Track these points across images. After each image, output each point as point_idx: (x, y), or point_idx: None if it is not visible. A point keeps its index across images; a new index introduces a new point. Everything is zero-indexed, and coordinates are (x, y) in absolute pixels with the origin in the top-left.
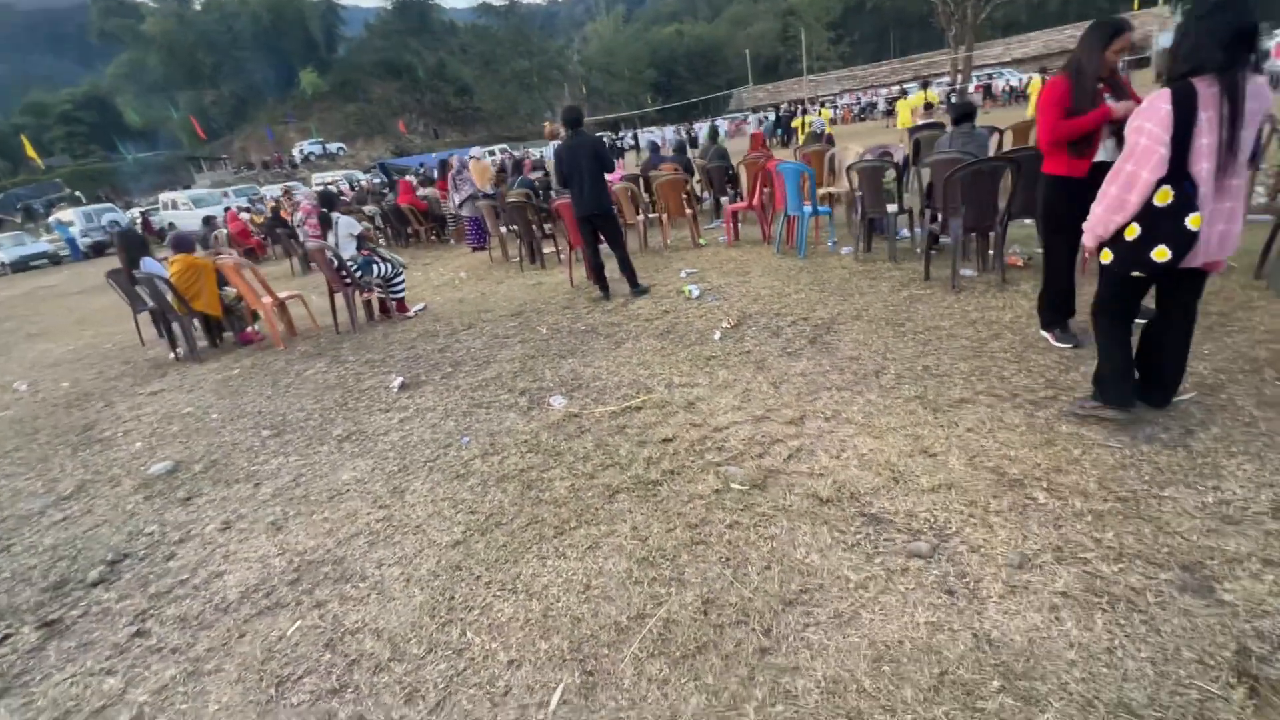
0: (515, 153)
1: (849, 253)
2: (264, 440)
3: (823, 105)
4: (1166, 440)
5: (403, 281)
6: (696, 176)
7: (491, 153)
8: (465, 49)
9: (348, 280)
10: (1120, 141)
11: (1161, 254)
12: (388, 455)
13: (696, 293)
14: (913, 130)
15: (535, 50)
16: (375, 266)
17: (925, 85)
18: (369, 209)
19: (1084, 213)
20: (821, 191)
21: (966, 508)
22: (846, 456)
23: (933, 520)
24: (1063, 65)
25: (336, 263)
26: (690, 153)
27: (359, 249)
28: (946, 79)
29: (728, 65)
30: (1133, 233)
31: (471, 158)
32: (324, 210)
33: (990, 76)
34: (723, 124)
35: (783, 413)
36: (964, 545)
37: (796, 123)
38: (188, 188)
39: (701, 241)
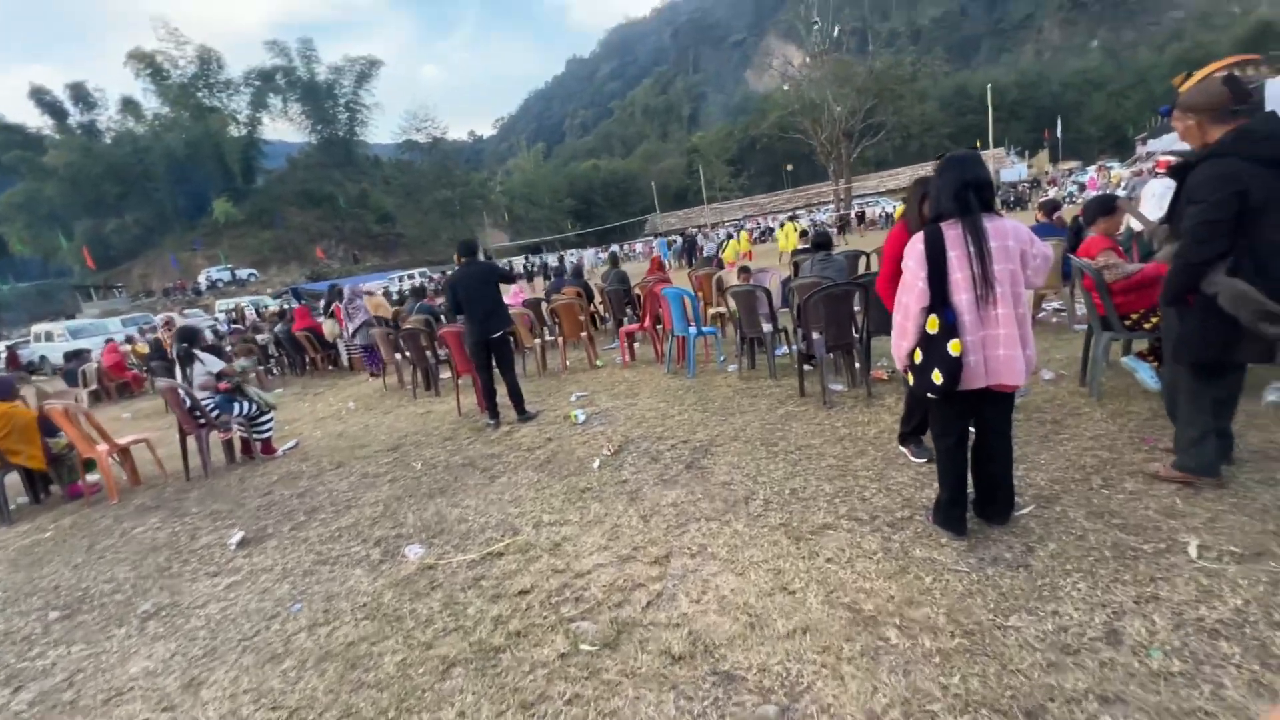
0: (418, 279)
1: (735, 370)
2: (47, 625)
3: (741, 229)
4: (1010, 560)
5: (270, 421)
6: (599, 299)
7: (410, 276)
8: (388, 180)
9: (202, 421)
10: None
11: (938, 377)
12: (197, 635)
13: (583, 418)
14: (794, 253)
15: (458, 181)
16: (237, 405)
17: (793, 219)
18: (262, 337)
19: None
20: (713, 311)
21: (820, 655)
22: (707, 600)
23: (785, 674)
24: (902, 213)
25: (189, 402)
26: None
27: (220, 384)
28: (830, 206)
29: (641, 194)
30: (918, 357)
31: (366, 292)
32: (184, 346)
33: (865, 204)
34: (639, 245)
35: (649, 550)
36: (814, 705)
37: (740, 240)
38: (71, 317)
39: (598, 363)
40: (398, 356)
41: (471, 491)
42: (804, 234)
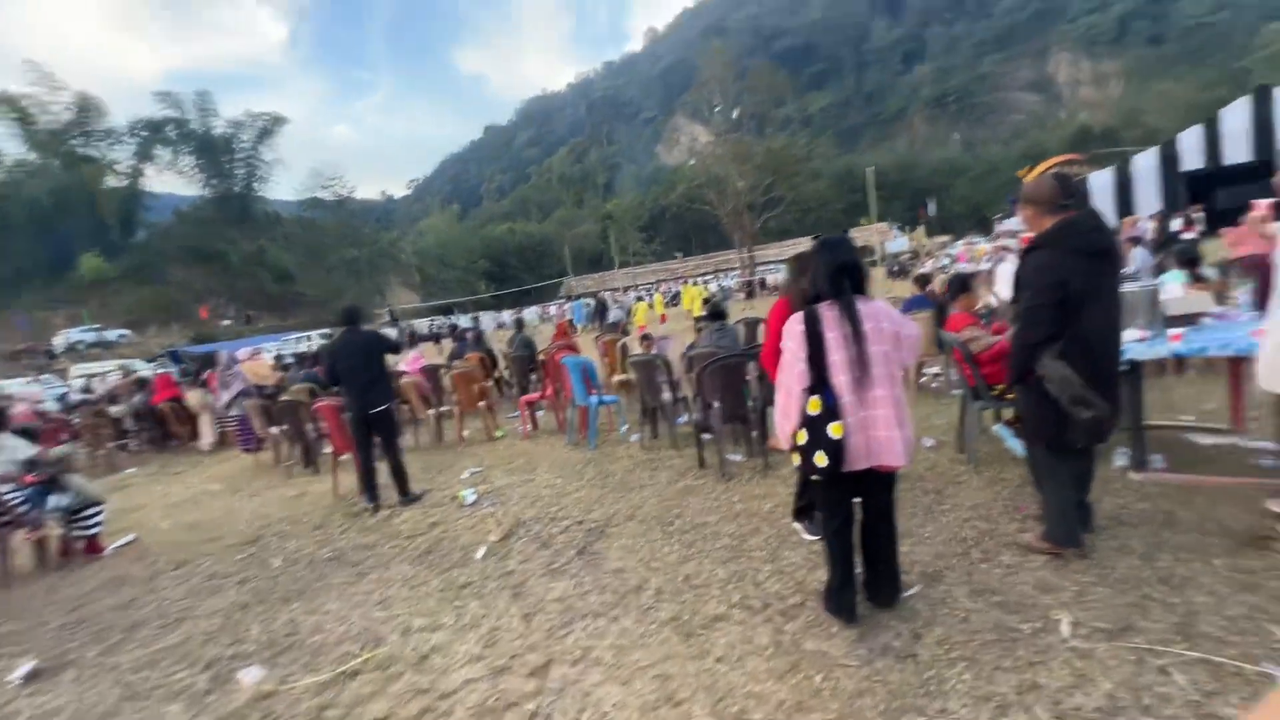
0: (315, 342)
1: (638, 439)
2: None
3: (655, 292)
4: (898, 650)
5: (98, 515)
6: (504, 365)
7: (307, 338)
8: (289, 237)
9: (3, 519)
10: None
11: (821, 459)
12: None
13: (472, 498)
14: (696, 320)
15: (366, 240)
16: (53, 498)
17: (695, 283)
18: (118, 409)
19: None
20: (618, 378)
21: None
22: (586, 718)
23: None
24: (787, 280)
25: None
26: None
27: (32, 474)
28: (736, 273)
29: (557, 258)
30: (802, 438)
31: (246, 358)
32: None
33: (768, 271)
34: (553, 308)
35: (527, 659)
36: None
37: (655, 304)
38: None
39: (498, 434)
40: (274, 430)
41: (335, 592)
42: (706, 301)
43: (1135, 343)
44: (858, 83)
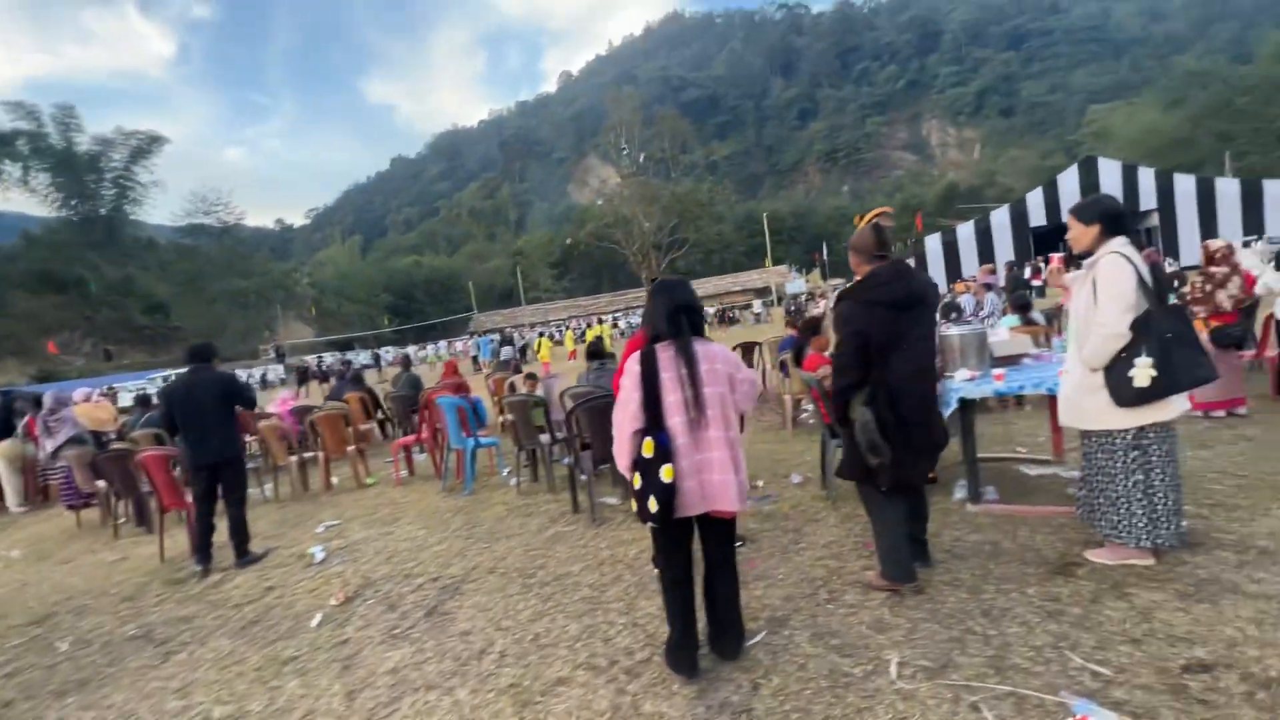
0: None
1: (517, 483)
2: None
3: (564, 329)
4: (736, 705)
5: None
6: (387, 405)
7: (168, 378)
8: (165, 265)
9: None
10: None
11: (653, 504)
12: None
13: (321, 556)
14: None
15: (255, 270)
16: None
17: (603, 321)
18: None
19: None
20: (504, 419)
21: None
22: None
23: None
24: (641, 319)
25: None
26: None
27: None
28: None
29: (466, 292)
30: (637, 482)
31: (82, 400)
32: None
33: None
34: (459, 343)
35: None
36: None
37: (566, 340)
38: None
39: (369, 481)
40: (100, 484)
41: (128, 680)
42: (599, 339)
43: (965, 382)
44: (758, 135)
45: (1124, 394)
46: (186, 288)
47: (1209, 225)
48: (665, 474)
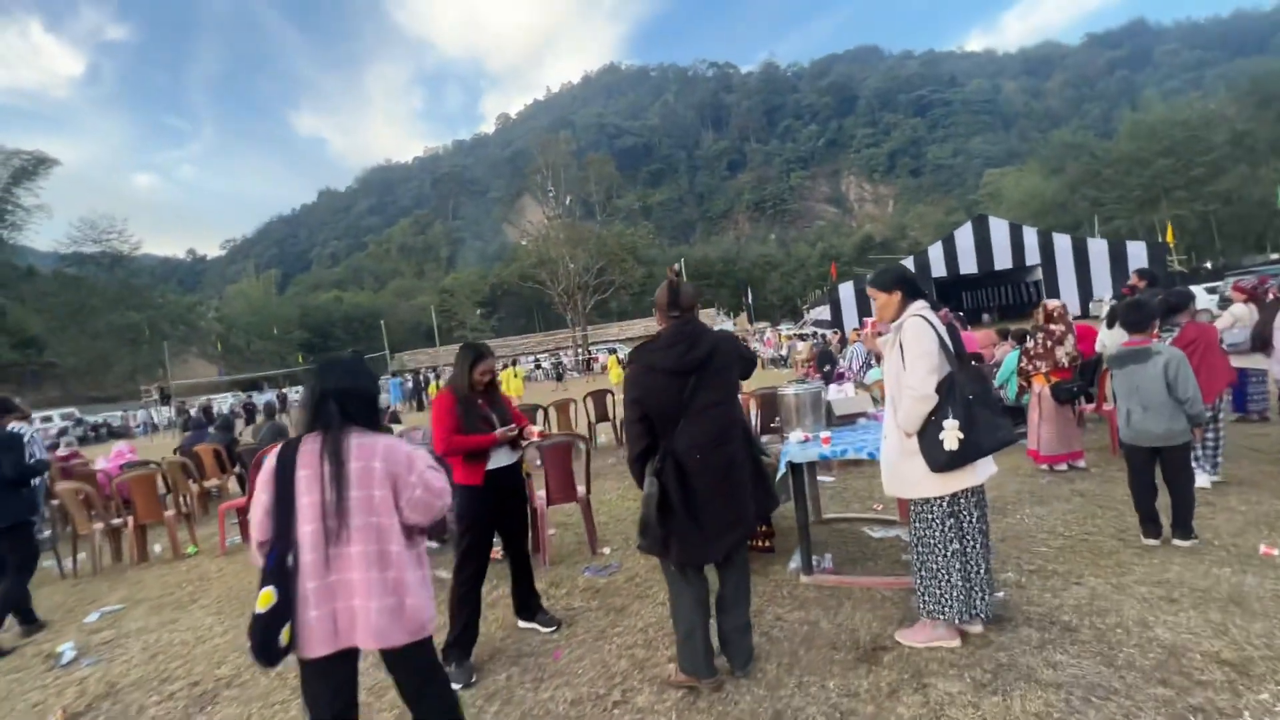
0: (56, 423)
1: None
2: None
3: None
4: None
5: None
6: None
7: (48, 419)
8: (45, 295)
9: None
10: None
11: (287, 635)
12: None
13: (70, 655)
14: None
15: (150, 304)
16: None
17: (514, 363)
18: None
19: (490, 519)
20: None
21: None
22: None
23: None
24: (448, 380)
25: None
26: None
27: None
28: (570, 350)
29: (390, 330)
30: (267, 600)
31: None
32: None
33: (599, 350)
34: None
35: None
36: None
37: (506, 379)
38: None
39: (189, 550)
40: None
41: None
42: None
43: (795, 444)
44: (690, 183)
45: (937, 458)
46: (67, 321)
47: (1085, 279)
48: (260, 601)
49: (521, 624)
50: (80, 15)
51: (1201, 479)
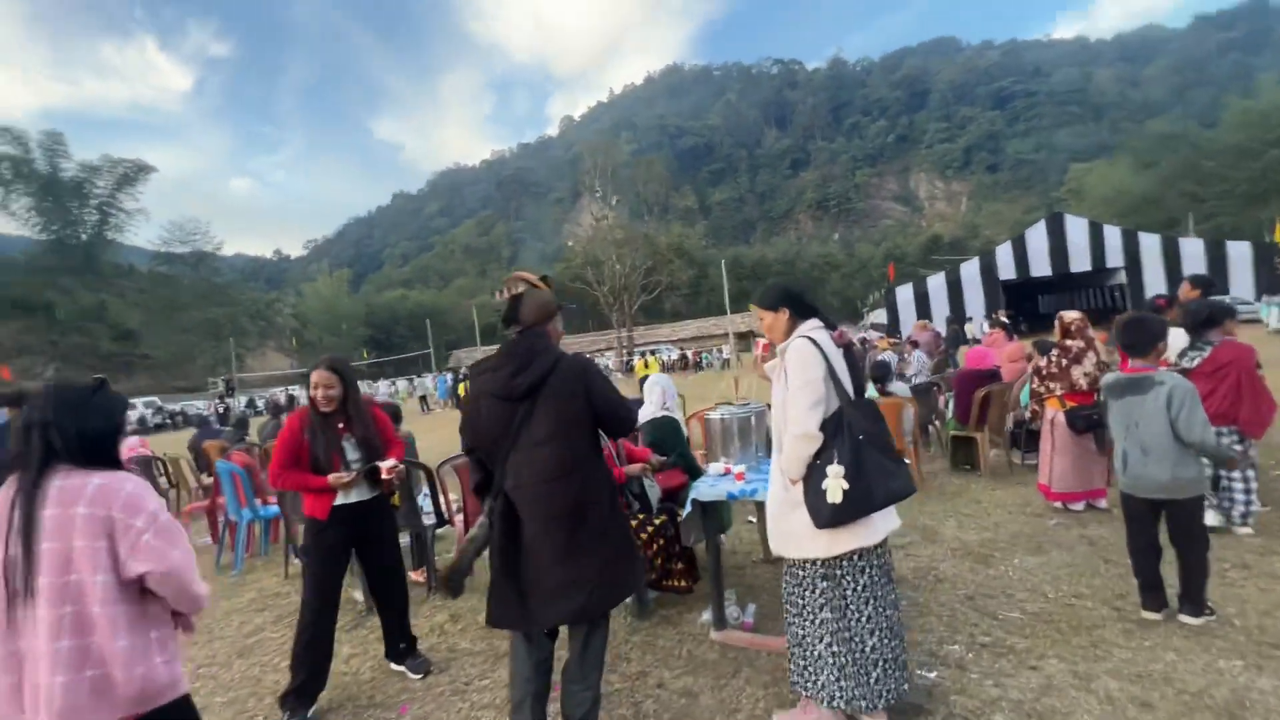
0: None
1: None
2: None
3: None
4: None
5: None
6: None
7: (132, 406)
8: (141, 291)
9: None
10: None
11: None
12: None
13: None
14: None
15: (232, 300)
16: None
17: None
18: None
19: (340, 555)
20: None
21: None
22: None
23: None
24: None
25: None
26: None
27: None
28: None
29: (453, 328)
30: None
31: None
32: None
33: (646, 350)
34: (428, 380)
35: None
36: None
37: None
38: None
39: None
40: None
41: None
42: None
43: (710, 478)
44: (752, 182)
45: (821, 512)
46: (159, 315)
47: (1176, 284)
48: None
49: (393, 666)
50: (188, 34)
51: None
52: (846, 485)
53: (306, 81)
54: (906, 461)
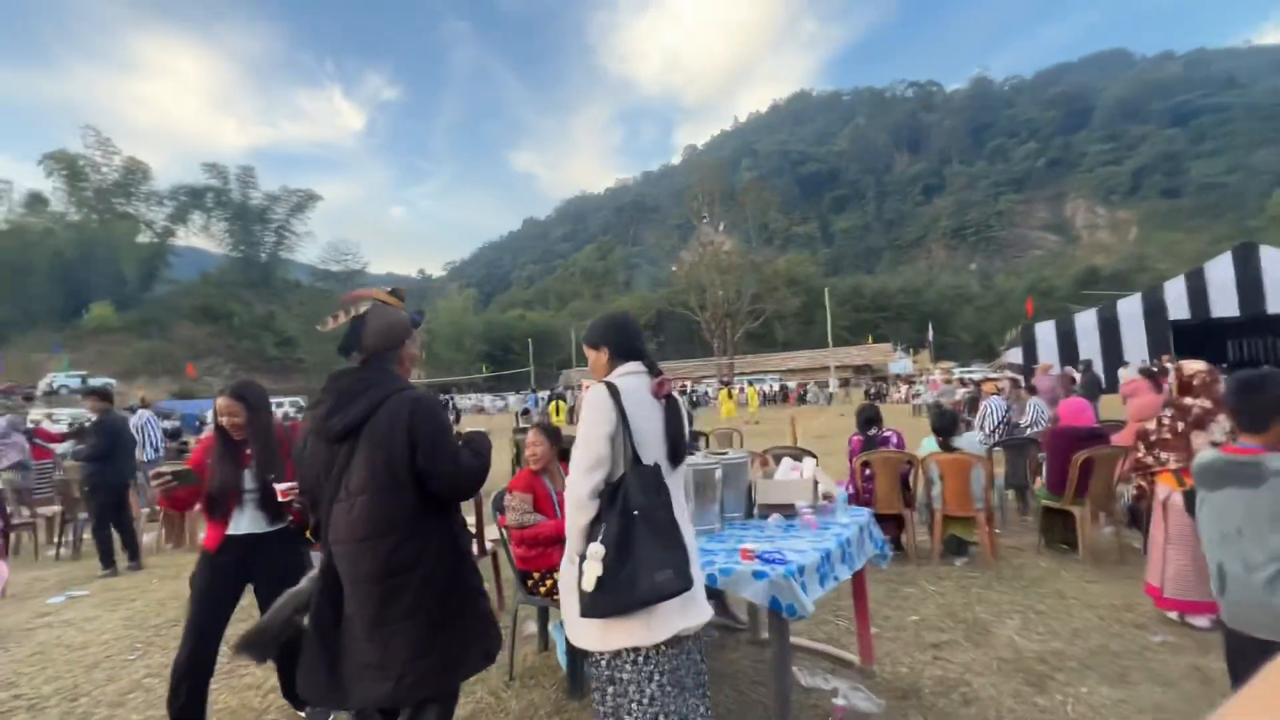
0: (285, 406)
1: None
2: None
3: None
4: None
5: None
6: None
7: (279, 404)
8: (303, 303)
9: None
10: None
11: None
12: None
13: None
14: None
15: None
16: None
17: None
18: None
19: (226, 592)
20: None
21: None
22: None
23: None
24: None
25: None
26: None
27: None
28: (712, 379)
29: (563, 348)
30: None
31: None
32: None
33: (747, 380)
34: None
35: None
36: None
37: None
38: None
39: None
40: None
41: None
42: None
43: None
44: (878, 209)
45: (581, 597)
46: (313, 325)
47: None
48: None
49: (298, 713)
50: (366, 81)
51: None
52: (601, 570)
53: (457, 119)
54: (685, 545)
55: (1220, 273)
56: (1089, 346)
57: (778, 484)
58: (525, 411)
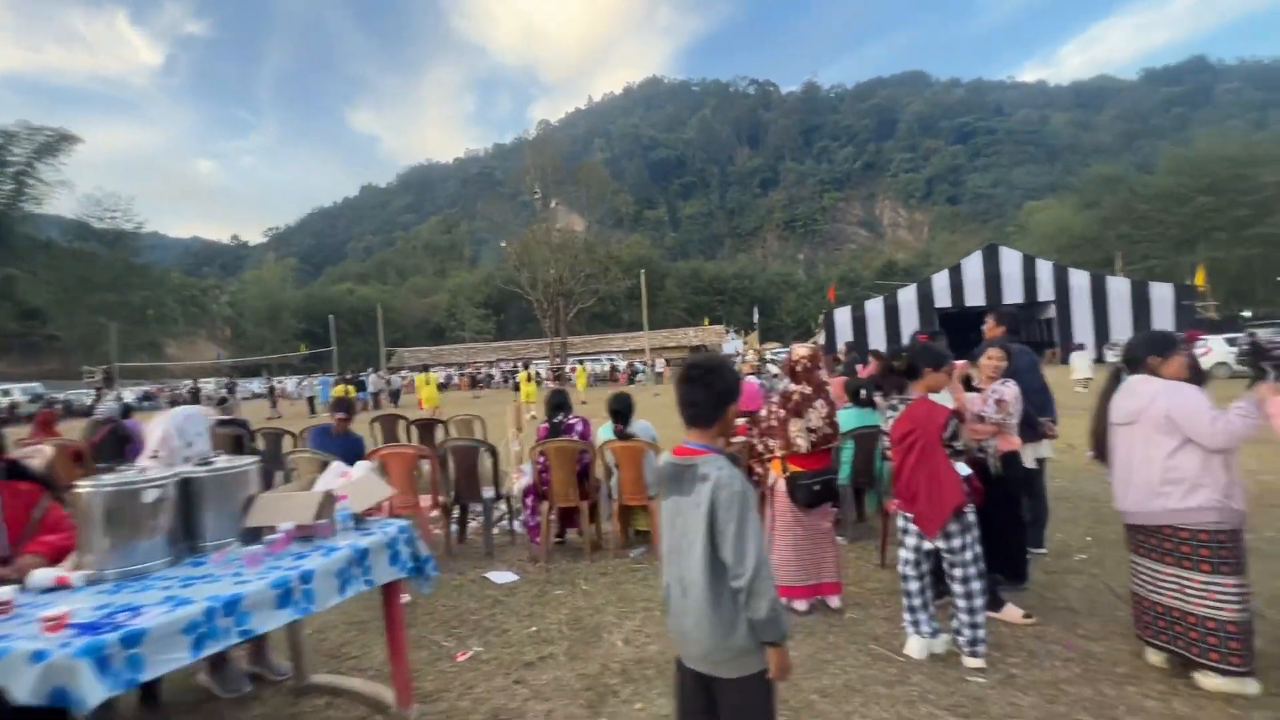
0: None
1: None
2: None
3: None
4: None
5: None
6: None
7: (7, 392)
8: (55, 267)
9: None
10: None
11: None
12: None
13: None
14: None
15: (159, 283)
16: None
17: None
18: None
19: None
20: None
21: None
22: None
23: None
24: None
25: None
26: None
27: None
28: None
29: (400, 326)
30: None
31: None
32: None
33: (578, 360)
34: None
35: None
36: None
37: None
38: None
39: None
40: None
41: None
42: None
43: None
44: (722, 198)
45: None
46: (72, 295)
47: (1102, 320)
48: None
49: None
50: (161, 7)
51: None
52: None
53: (284, 67)
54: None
55: (973, 268)
56: (876, 329)
57: (275, 499)
58: (223, 400)
